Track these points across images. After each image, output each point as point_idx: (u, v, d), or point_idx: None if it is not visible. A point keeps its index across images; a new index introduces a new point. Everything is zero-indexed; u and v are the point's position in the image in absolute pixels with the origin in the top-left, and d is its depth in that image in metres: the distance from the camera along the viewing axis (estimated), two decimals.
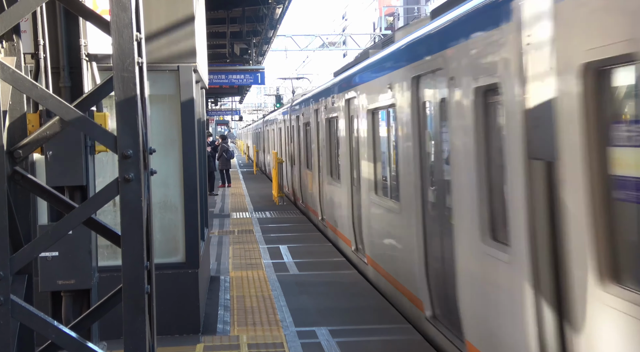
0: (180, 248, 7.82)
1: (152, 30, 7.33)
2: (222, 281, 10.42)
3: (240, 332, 7.81)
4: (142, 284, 3.64)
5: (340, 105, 12.21)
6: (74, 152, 4.24)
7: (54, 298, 4.37)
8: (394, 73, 8.26)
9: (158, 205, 7.72)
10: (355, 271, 10.97)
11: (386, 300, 8.96)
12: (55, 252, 4.21)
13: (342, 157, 12.18)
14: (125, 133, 3.62)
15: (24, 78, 3.71)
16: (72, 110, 3.68)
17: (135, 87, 3.61)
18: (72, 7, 4.07)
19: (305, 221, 17.32)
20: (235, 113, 60.75)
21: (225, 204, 21.84)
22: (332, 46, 37.53)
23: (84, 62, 4.42)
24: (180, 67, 7.68)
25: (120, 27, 3.59)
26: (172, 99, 7.80)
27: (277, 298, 9.30)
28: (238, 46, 23.29)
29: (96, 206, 3.78)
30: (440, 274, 6.85)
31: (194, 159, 7.84)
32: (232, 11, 19.39)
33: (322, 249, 13.14)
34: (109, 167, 7.12)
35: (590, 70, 3.78)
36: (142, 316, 3.64)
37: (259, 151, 41.47)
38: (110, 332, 5.07)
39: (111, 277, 5.17)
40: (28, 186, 4.05)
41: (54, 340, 3.68)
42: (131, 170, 3.62)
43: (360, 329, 7.85)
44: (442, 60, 6.27)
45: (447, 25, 6.39)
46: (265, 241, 14.22)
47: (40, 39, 4.27)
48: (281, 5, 18.07)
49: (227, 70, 21.54)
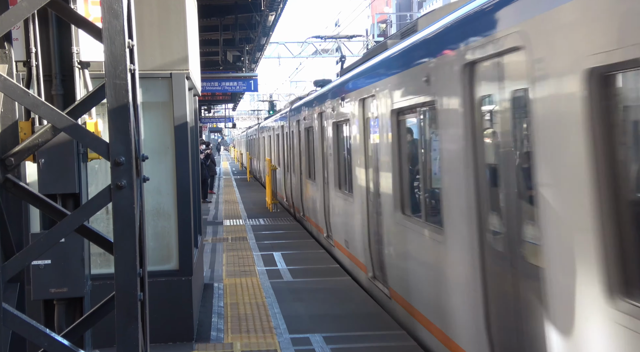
0: (173, 255, 7.80)
1: (145, 38, 7.33)
2: (215, 288, 10.40)
3: (234, 339, 7.79)
4: (134, 292, 3.63)
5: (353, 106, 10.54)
6: (66, 159, 4.22)
7: (47, 306, 4.35)
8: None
9: (151, 212, 7.71)
10: (349, 277, 10.96)
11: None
12: (48, 260, 4.19)
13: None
14: (117, 140, 3.62)
15: (16, 86, 3.71)
16: (64, 118, 3.68)
17: (127, 94, 3.62)
18: (64, 15, 4.07)
19: (299, 227, 17.30)
20: (229, 120, 60.77)
21: (218, 211, 21.81)
22: (325, 53, 37.57)
23: (76, 70, 4.41)
24: (173, 74, 7.68)
25: (112, 34, 3.60)
26: (165, 106, 7.79)
27: (271, 305, 9.28)
28: (231, 53, 23.31)
29: (88, 213, 3.78)
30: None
31: (187, 166, 7.83)
32: (224, 18, 19.40)
33: (316, 255, 13.12)
34: (102, 175, 7.12)
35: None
36: (135, 323, 3.63)
37: (253, 158, 41.35)
38: (103, 340, 5.05)
39: (104, 285, 5.15)
40: (20, 194, 4.04)
41: (46, 348, 3.67)
42: (123, 177, 3.62)
43: (354, 335, 7.84)
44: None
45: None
46: (259, 247, 14.20)
47: (32, 46, 4.26)
48: (274, 13, 18.10)
49: (220, 77, 21.53)
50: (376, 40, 36.38)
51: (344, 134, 11.73)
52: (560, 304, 4.12)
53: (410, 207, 7.85)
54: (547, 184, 4.28)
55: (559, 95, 4.08)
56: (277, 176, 23.29)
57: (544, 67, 4.24)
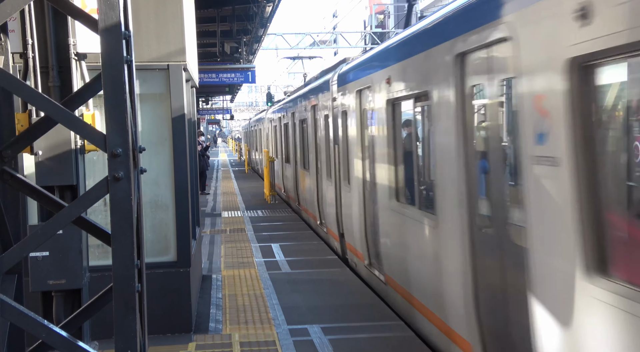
0: (171, 247, 7.81)
1: (142, 29, 7.32)
2: (214, 279, 10.41)
3: (233, 330, 7.81)
4: (132, 283, 3.64)
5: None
6: (64, 151, 4.22)
7: (45, 298, 4.36)
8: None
9: (149, 204, 7.71)
10: (348, 268, 10.98)
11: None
12: (46, 252, 4.20)
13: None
14: (114, 132, 3.61)
15: (12, 77, 3.70)
16: (61, 110, 3.67)
17: (124, 85, 3.61)
18: (60, 6, 4.05)
19: (297, 219, 17.31)
20: (227, 112, 60.67)
21: (217, 203, 21.81)
22: (322, 44, 37.48)
23: (73, 62, 4.40)
24: (170, 65, 7.67)
25: (109, 25, 3.58)
26: (163, 98, 7.78)
27: (269, 296, 9.30)
28: (228, 45, 23.24)
29: (86, 205, 3.77)
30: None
31: (185, 157, 7.83)
32: (222, 10, 19.34)
33: (314, 247, 13.14)
34: (100, 167, 7.11)
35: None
36: (133, 314, 3.64)
37: (251, 150, 41.30)
38: (102, 331, 5.06)
39: (102, 277, 5.16)
40: (17, 186, 4.04)
41: (44, 339, 3.67)
42: (121, 169, 3.61)
43: (352, 326, 7.86)
44: None
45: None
46: (257, 239, 14.21)
47: (29, 38, 4.25)
48: (271, 4, 18.03)
49: (218, 69, 21.48)
50: (374, 31, 36.30)
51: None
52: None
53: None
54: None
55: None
56: (275, 168, 23.26)
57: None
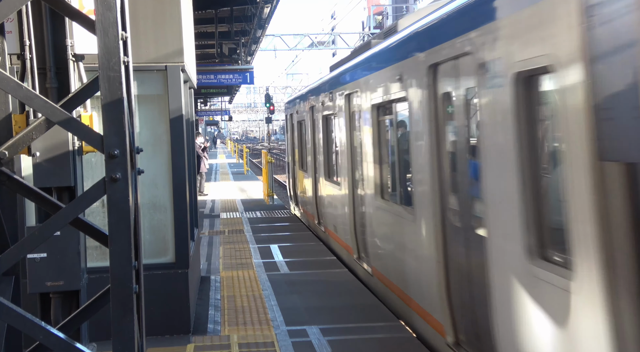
0: (169, 248, 7.80)
1: (139, 30, 7.31)
2: (212, 280, 10.40)
3: (231, 332, 7.80)
4: (130, 284, 3.63)
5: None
6: (62, 152, 4.21)
7: (43, 300, 4.35)
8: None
9: (147, 205, 7.70)
10: (346, 269, 10.98)
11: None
12: (44, 254, 4.18)
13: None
14: (111, 132, 3.60)
15: (9, 78, 3.69)
16: (59, 111, 3.66)
17: (121, 86, 3.60)
18: (57, 7, 4.05)
19: (296, 220, 17.30)
20: (225, 113, 60.67)
21: (215, 204, 21.80)
22: (321, 45, 37.50)
23: (70, 63, 4.39)
24: (168, 66, 7.66)
25: (106, 26, 3.58)
26: (161, 99, 7.77)
27: (268, 297, 9.29)
28: (227, 46, 23.25)
29: (83, 206, 3.76)
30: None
31: (183, 159, 7.82)
32: (220, 11, 19.35)
33: (313, 248, 13.13)
34: (99, 168, 7.10)
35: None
36: (130, 315, 3.63)
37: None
38: (100, 333, 5.05)
39: (100, 279, 5.14)
40: (14, 187, 4.03)
41: (42, 341, 3.66)
42: (118, 170, 3.61)
43: (351, 327, 7.85)
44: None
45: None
46: (256, 240, 14.20)
47: (26, 39, 4.23)
48: (269, 5, 18.04)
49: (216, 70, 21.49)
50: (372, 32, 36.34)
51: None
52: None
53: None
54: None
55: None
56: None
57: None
